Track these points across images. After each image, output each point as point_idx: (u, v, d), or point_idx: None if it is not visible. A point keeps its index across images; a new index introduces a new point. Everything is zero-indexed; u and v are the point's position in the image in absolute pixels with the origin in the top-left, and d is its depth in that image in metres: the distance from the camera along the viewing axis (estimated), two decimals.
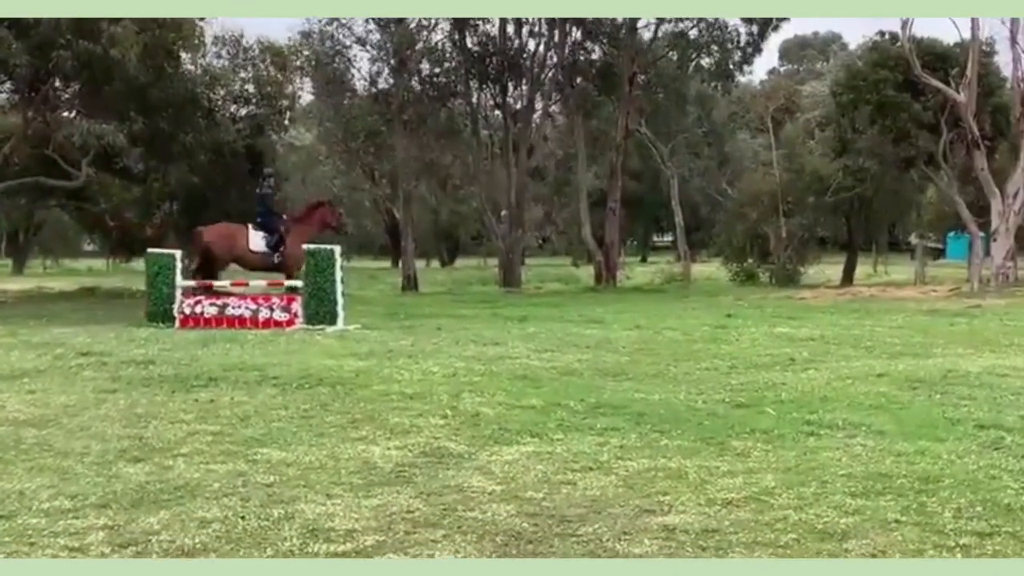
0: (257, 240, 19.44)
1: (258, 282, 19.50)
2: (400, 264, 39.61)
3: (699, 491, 6.11)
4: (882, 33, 34.20)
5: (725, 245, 40.77)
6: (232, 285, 19.27)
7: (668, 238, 76.60)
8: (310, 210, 20.67)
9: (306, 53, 35.29)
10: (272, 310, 17.25)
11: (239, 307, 17.38)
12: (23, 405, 9.12)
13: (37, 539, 5.27)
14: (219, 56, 33.60)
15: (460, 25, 34.60)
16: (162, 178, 30.84)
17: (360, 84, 37.14)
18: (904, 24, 30.13)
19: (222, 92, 33.34)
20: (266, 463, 6.86)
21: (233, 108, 34.43)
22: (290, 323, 17.02)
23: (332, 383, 10.25)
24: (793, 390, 9.83)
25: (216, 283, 18.82)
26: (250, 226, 19.62)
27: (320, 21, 34.57)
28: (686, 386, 10.17)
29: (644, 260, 67.15)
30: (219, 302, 17.55)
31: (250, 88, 33.88)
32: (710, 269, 43.62)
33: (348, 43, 35.43)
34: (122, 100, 26.86)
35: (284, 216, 20.57)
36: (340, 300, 17.06)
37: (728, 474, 6.51)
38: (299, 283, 17.53)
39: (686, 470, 6.61)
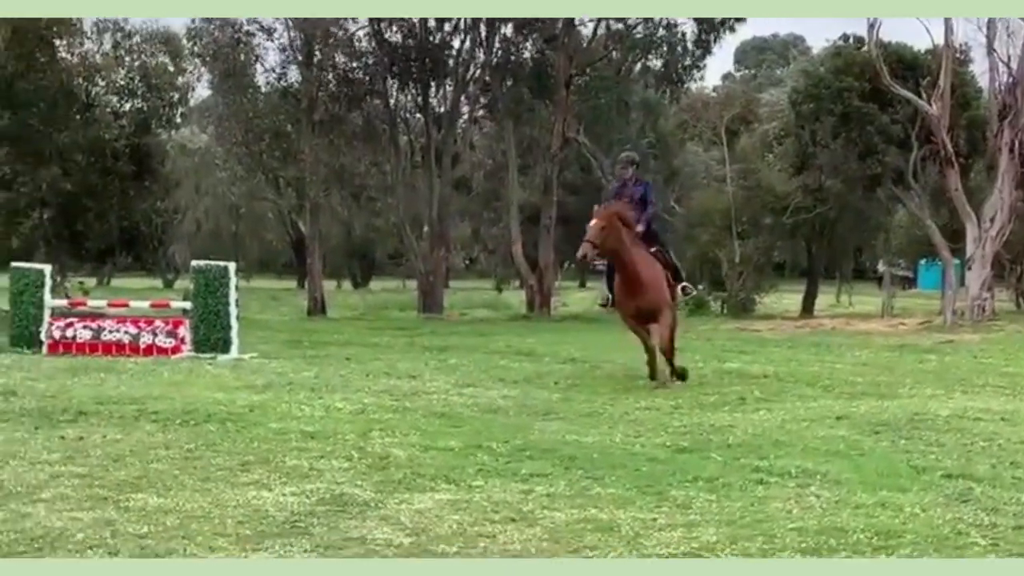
0: None
1: (140, 303, 19.26)
2: (306, 285, 39.37)
3: (632, 546, 6.13)
4: (846, 37, 34.90)
5: None
6: (109, 305, 18.95)
7: None
8: None
9: (203, 40, 34.96)
10: (155, 335, 17.06)
11: (117, 331, 17.15)
12: None
13: None
14: (100, 43, 33.26)
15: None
16: (31, 182, 30.36)
17: (264, 78, 36.96)
18: (871, 26, 30.63)
19: (103, 84, 33.03)
20: (140, 511, 6.76)
21: (115, 102, 34.10)
22: (176, 350, 16.84)
23: (222, 419, 10.13)
24: (743, 433, 9.91)
25: (91, 302, 18.55)
26: None
27: None
28: (623, 427, 10.23)
29: (583, 285, 67.38)
30: (94, 325, 17.30)
31: (136, 80, 33.57)
32: None
33: (252, 30, 35.02)
34: None
35: None
36: (234, 325, 16.91)
37: (666, 527, 6.54)
38: (187, 304, 17.34)
39: (619, 522, 6.62)
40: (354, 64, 36.38)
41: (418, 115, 38.74)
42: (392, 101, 37.17)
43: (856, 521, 6.67)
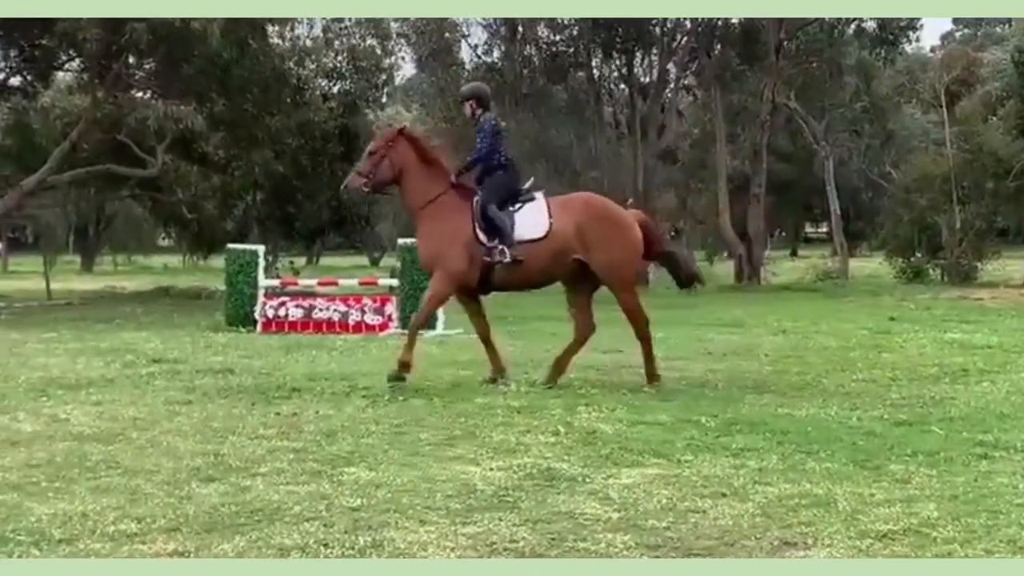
0: None
1: (349, 281, 19.76)
2: None
3: (849, 522, 6.01)
4: None
5: (889, 237, 39.97)
6: (319, 284, 19.54)
7: (822, 229, 75.49)
8: None
9: (410, 20, 35.60)
10: (364, 313, 17.49)
11: (327, 309, 17.65)
12: (89, 418, 9.39)
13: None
14: (310, 27, 34.14)
15: None
16: (245, 165, 31.45)
17: (469, 55, 37.42)
18: None
19: (312, 67, 33.90)
20: (353, 484, 6.96)
21: (324, 84, 34.97)
22: (383, 327, 17.24)
23: (429, 395, 10.35)
24: (964, 406, 9.63)
25: (302, 282, 19.13)
26: None
27: None
28: (838, 400, 10.03)
29: (794, 254, 66.32)
30: (305, 304, 17.85)
31: (343, 62, 34.33)
32: (871, 265, 42.87)
33: None
34: (202, 79, 27.38)
35: None
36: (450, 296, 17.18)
37: (884, 503, 6.39)
38: (394, 282, 17.71)
39: (835, 497, 6.50)
40: (557, 37, 36.50)
41: (623, 86, 38.64)
42: (596, 73, 37.14)
43: None
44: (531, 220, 11.24)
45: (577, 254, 11.22)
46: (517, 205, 11.36)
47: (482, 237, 11.16)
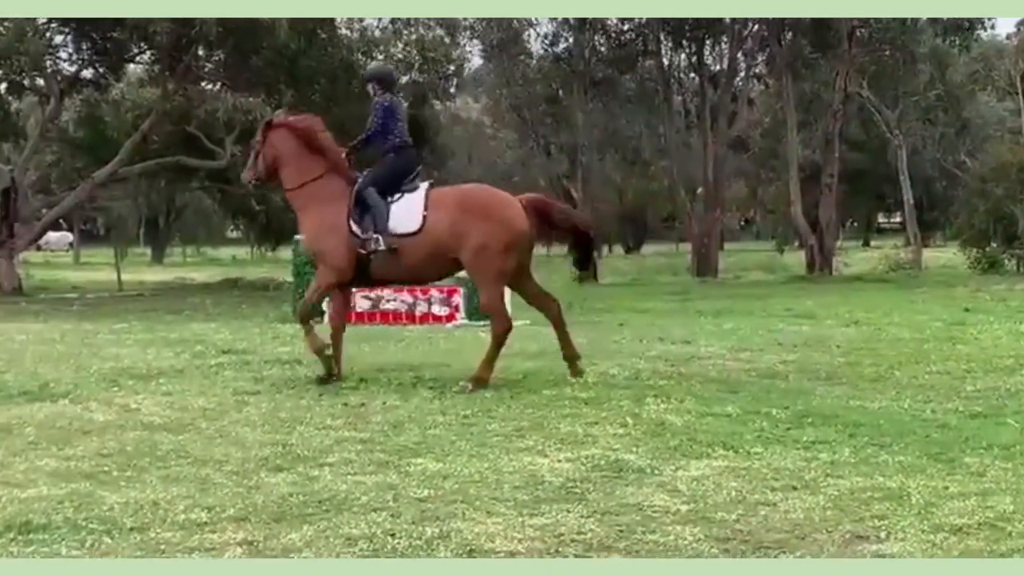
0: None
1: None
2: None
3: (923, 515, 5.94)
4: None
5: (964, 227, 39.43)
6: None
7: (895, 219, 74.68)
8: None
9: None
10: (430, 304, 17.54)
11: (394, 300, 17.72)
12: (159, 408, 9.51)
13: (171, 554, 5.48)
14: (379, 18, 34.29)
15: None
16: None
17: (537, 45, 37.41)
18: None
19: (381, 58, 34.01)
20: (420, 475, 6.98)
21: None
22: (450, 318, 17.29)
23: (496, 386, 10.36)
24: None
25: None
26: None
27: None
28: (912, 392, 9.91)
29: (866, 244, 65.76)
30: (372, 295, 17.93)
31: (413, 52, 34.43)
32: (945, 255, 42.30)
33: None
34: (270, 70, 27.62)
35: None
36: (507, 292, 17.20)
37: (959, 496, 6.31)
38: (462, 273, 17.76)
39: (908, 491, 6.43)
40: (626, 26, 36.37)
41: (692, 74, 38.43)
42: (666, 61, 36.98)
43: None
44: (407, 213, 10.76)
45: (454, 253, 10.75)
46: (398, 195, 10.88)
47: (355, 228, 10.77)
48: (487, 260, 10.72)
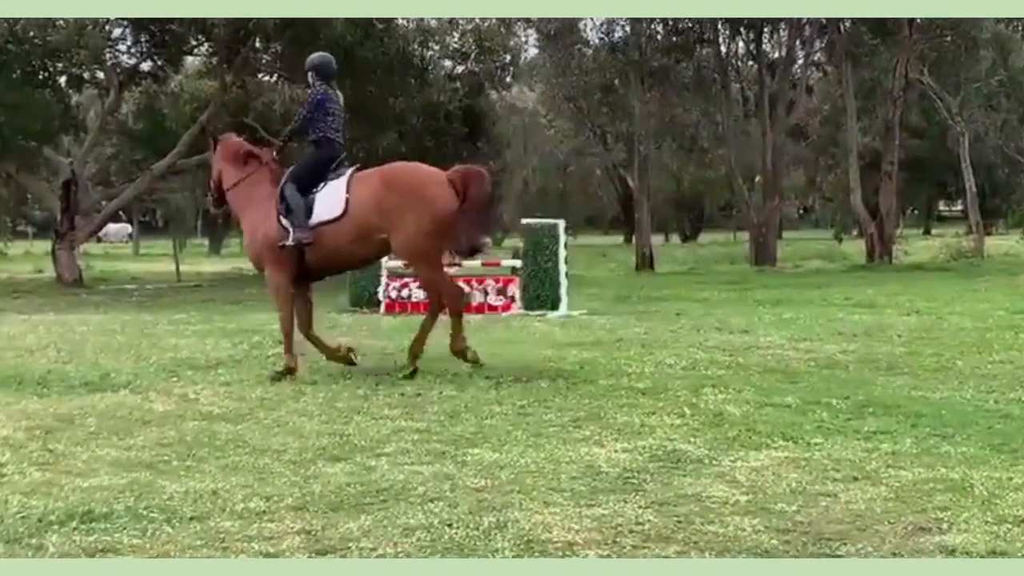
0: None
1: (471, 262, 19.85)
2: (634, 240, 39.64)
3: (986, 507, 5.87)
4: None
5: None
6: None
7: (957, 207, 73.85)
8: None
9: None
10: (487, 293, 17.55)
11: None
12: (217, 398, 9.60)
13: (230, 543, 5.52)
14: None
15: None
16: (369, 147, 31.78)
17: (593, 33, 37.31)
18: None
19: (437, 48, 34.06)
20: (477, 465, 6.99)
21: (449, 65, 35.11)
22: (506, 308, 17.30)
23: (552, 376, 10.35)
24: None
25: None
26: None
27: None
28: (974, 382, 9.80)
29: (927, 232, 65.00)
30: None
31: (469, 42, 34.43)
32: (1008, 243, 41.84)
33: None
34: None
35: None
36: (563, 282, 17.21)
37: (1022, 487, 6.23)
38: (517, 263, 17.77)
39: (971, 482, 6.36)
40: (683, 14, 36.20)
41: (751, 62, 38.17)
42: (723, 49, 36.76)
43: None
44: (330, 199, 10.79)
45: (382, 232, 10.69)
46: (321, 184, 10.92)
47: (284, 223, 10.84)
48: (414, 240, 10.68)
